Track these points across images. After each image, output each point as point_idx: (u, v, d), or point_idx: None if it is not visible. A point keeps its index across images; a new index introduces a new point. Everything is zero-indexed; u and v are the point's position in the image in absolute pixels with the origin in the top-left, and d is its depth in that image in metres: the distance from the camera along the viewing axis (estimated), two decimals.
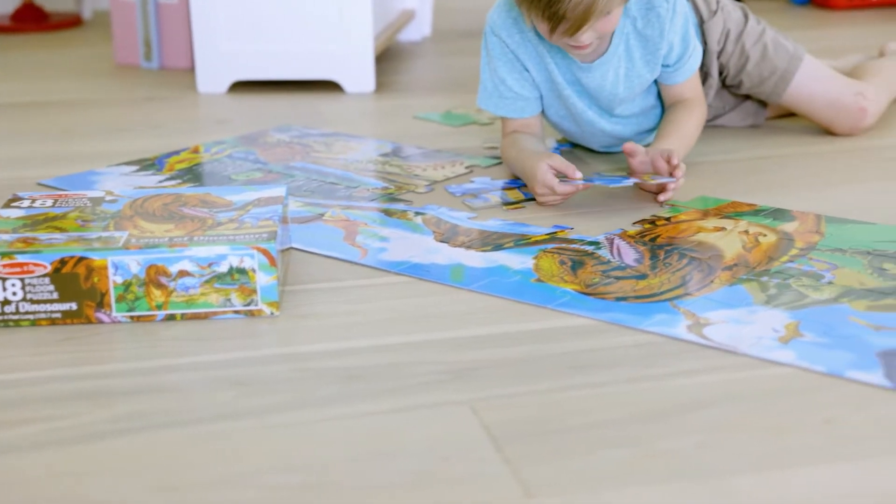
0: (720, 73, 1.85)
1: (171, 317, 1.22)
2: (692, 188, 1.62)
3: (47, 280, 1.21)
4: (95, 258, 1.20)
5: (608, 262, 1.35)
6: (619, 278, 1.30)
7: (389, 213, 1.56)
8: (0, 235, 1.25)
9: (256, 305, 1.23)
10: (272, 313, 1.24)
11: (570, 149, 1.86)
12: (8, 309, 1.21)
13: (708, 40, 1.80)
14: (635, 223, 1.49)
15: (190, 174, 1.78)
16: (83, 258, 1.20)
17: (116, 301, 1.21)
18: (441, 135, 2.02)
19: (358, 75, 2.38)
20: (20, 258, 1.20)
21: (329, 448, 0.96)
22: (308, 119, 2.15)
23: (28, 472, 0.94)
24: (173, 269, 1.21)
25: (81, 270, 1.20)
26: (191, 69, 2.64)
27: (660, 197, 1.54)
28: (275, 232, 1.25)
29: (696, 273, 1.31)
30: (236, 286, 1.22)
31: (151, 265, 1.21)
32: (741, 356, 1.11)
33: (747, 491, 0.88)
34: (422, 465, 0.93)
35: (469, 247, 1.42)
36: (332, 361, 1.13)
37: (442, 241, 1.44)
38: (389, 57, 2.79)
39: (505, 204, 1.59)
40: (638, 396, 1.04)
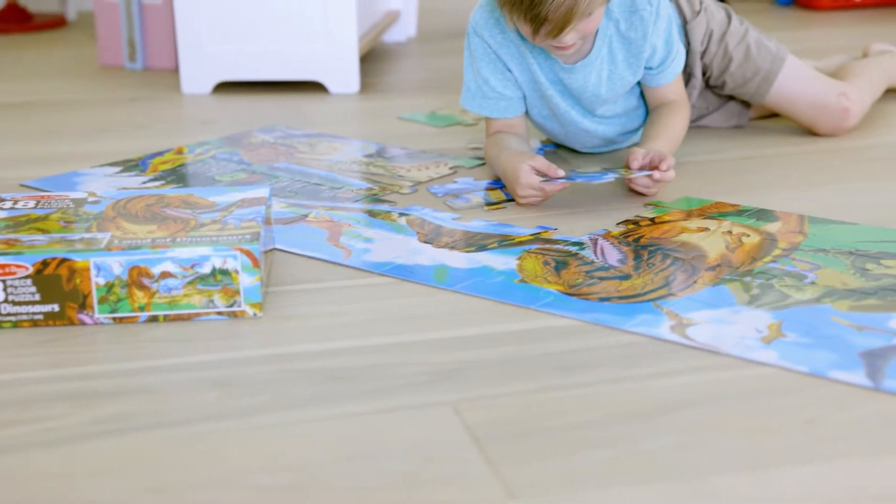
0: (703, 74, 1.86)
1: (154, 318, 1.22)
2: (676, 189, 1.62)
3: (29, 282, 1.20)
4: (78, 259, 1.20)
5: (592, 263, 1.35)
6: (603, 279, 1.31)
7: (373, 214, 1.56)
8: None
9: (240, 307, 1.23)
10: (255, 314, 1.23)
11: (555, 149, 1.86)
12: None
13: (691, 41, 1.81)
14: (619, 224, 1.49)
15: (174, 175, 1.77)
16: (65, 259, 1.20)
17: (99, 303, 1.21)
18: (425, 135, 2.02)
19: (342, 76, 2.38)
20: (2, 259, 1.20)
21: (313, 449, 0.96)
22: (292, 120, 2.14)
23: (14, 474, 0.93)
24: (156, 271, 1.21)
25: (64, 272, 1.20)
26: (175, 70, 2.63)
27: (649, 189, 1.54)
28: (258, 233, 1.25)
29: (680, 273, 1.32)
30: (219, 287, 1.22)
31: (134, 266, 1.20)
32: (724, 356, 1.11)
33: (729, 491, 0.89)
34: (405, 466, 0.93)
35: (453, 248, 1.42)
36: (316, 362, 1.13)
37: (426, 242, 1.44)
38: (374, 58, 2.78)
39: (487, 204, 1.59)
40: (621, 397, 1.04)
